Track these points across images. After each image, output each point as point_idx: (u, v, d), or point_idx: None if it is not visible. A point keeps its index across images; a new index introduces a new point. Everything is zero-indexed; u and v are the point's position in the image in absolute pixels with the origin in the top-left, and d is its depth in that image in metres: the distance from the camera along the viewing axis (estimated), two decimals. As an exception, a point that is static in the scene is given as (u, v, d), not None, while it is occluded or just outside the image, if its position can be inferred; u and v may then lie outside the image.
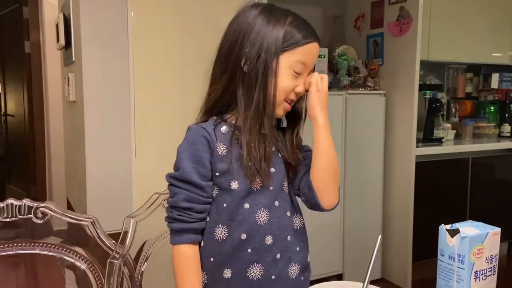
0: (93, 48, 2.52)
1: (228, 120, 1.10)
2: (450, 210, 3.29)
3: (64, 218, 1.16)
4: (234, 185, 1.05)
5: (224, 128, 1.07)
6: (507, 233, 1.79)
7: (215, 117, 1.09)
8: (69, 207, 3.39)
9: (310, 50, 1.07)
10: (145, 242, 1.19)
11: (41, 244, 1.14)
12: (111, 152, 2.55)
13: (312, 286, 0.94)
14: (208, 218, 1.08)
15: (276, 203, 1.09)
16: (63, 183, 3.99)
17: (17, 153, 5.10)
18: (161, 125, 2.38)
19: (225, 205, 1.06)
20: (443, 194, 3.26)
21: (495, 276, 0.97)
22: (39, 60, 4.25)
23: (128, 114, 2.35)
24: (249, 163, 1.03)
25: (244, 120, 1.05)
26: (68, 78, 2.82)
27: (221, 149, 1.06)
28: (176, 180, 1.06)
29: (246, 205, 1.06)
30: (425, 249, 2.64)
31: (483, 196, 3.45)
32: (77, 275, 1.18)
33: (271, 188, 1.08)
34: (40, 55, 4.24)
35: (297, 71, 1.05)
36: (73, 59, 2.69)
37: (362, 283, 0.93)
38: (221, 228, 1.06)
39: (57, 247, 1.14)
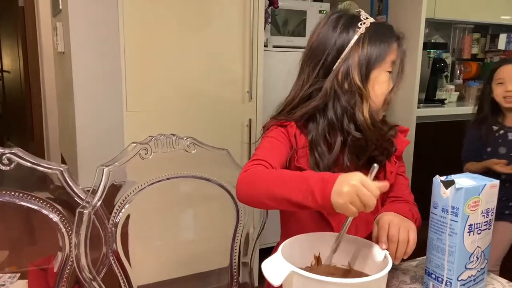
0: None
1: None
2: (449, 173, 3.20)
3: (31, 166, 1.08)
4: None
5: None
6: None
7: None
8: (63, 163, 3.32)
9: None
10: (118, 193, 1.11)
11: (8, 192, 1.07)
12: (101, 106, 2.46)
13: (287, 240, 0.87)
14: None
15: None
16: (57, 138, 3.92)
17: (14, 110, 5.04)
18: (153, 79, 2.26)
19: None
20: (443, 156, 3.17)
21: (491, 231, 0.90)
22: (32, 13, 4.10)
23: (119, 66, 2.23)
24: None
25: None
26: (56, 28, 2.70)
27: None
28: None
29: None
30: (422, 211, 2.57)
31: (484, 159, 3.36)
32: (47, 227, 1.11)
33: None
34: (33, 8, 4.09)
35: None
36: (60, 7, 2.56)
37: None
38: None
39: (25, 196, 1.07)
